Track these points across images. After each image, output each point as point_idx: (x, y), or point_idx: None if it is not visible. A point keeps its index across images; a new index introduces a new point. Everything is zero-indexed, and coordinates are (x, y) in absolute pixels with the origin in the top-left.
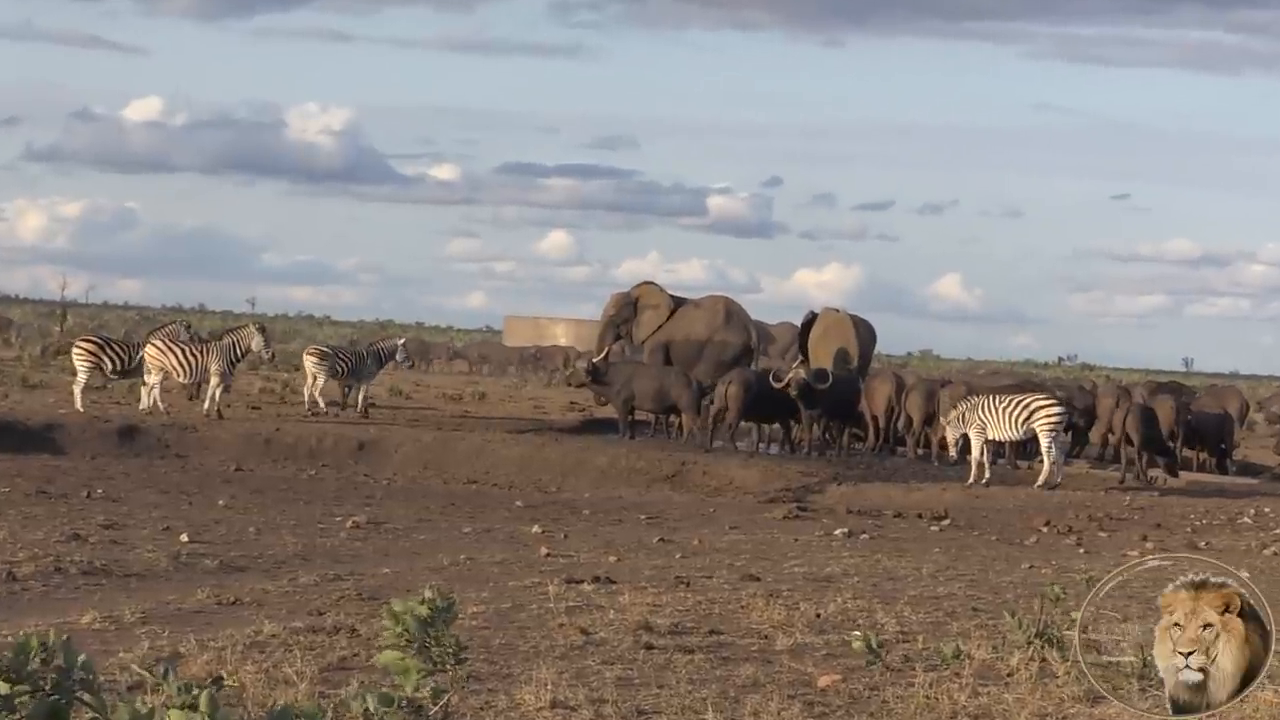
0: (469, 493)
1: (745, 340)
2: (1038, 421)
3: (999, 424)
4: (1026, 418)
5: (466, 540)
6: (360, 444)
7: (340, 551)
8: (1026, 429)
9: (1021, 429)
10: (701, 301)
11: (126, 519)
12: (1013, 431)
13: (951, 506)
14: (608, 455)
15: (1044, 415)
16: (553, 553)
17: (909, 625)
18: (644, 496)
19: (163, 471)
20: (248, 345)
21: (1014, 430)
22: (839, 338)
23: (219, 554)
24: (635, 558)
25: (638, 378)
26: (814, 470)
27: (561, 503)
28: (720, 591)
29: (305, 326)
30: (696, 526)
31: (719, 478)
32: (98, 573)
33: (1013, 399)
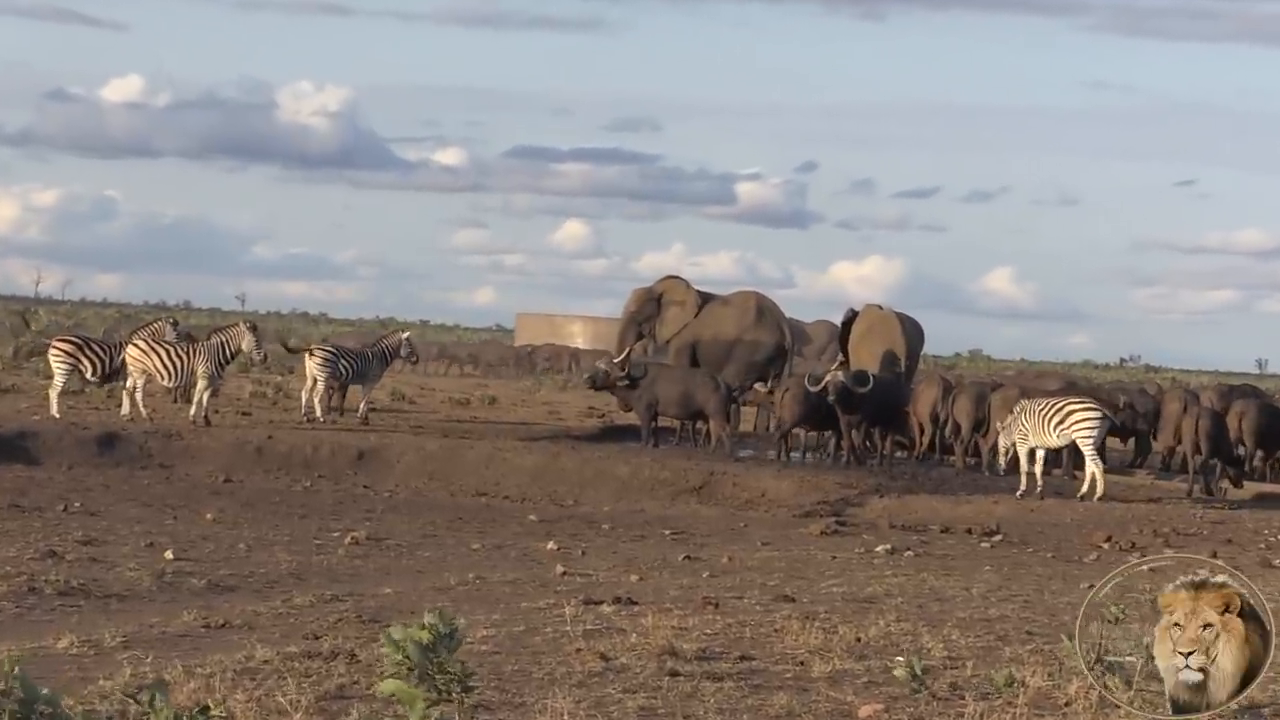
0: (478, 506)
1: (778, 340)
2: (1073, 428)
3: (1038, 431)
4: (1061, 423)
5: (475, 558)
6: (360, 453)
7: (338, 570)
8: (1063, 436)
9: (1058, 436)
10: (731, 298)
11: (106, 535)
12: (1051, 438)
13: (1004, 521)
14: (629, 465)
15: (1079, 421)
16: (569, 571)
17: (957, 650)
18: (669, 510)
19: (145, 483)
20: (238, 346)
21: (1051, 437)
22: (884, 337)
23: (206, 573)
24: (659, 577)
25: (661, 381)
26: (854, 481)
27: (579, 517)
28: (752, 613)
29: (300, 325)
30: (726, 543)
31: (750, 490)
32: (75, 593)
33: (1050, 403)
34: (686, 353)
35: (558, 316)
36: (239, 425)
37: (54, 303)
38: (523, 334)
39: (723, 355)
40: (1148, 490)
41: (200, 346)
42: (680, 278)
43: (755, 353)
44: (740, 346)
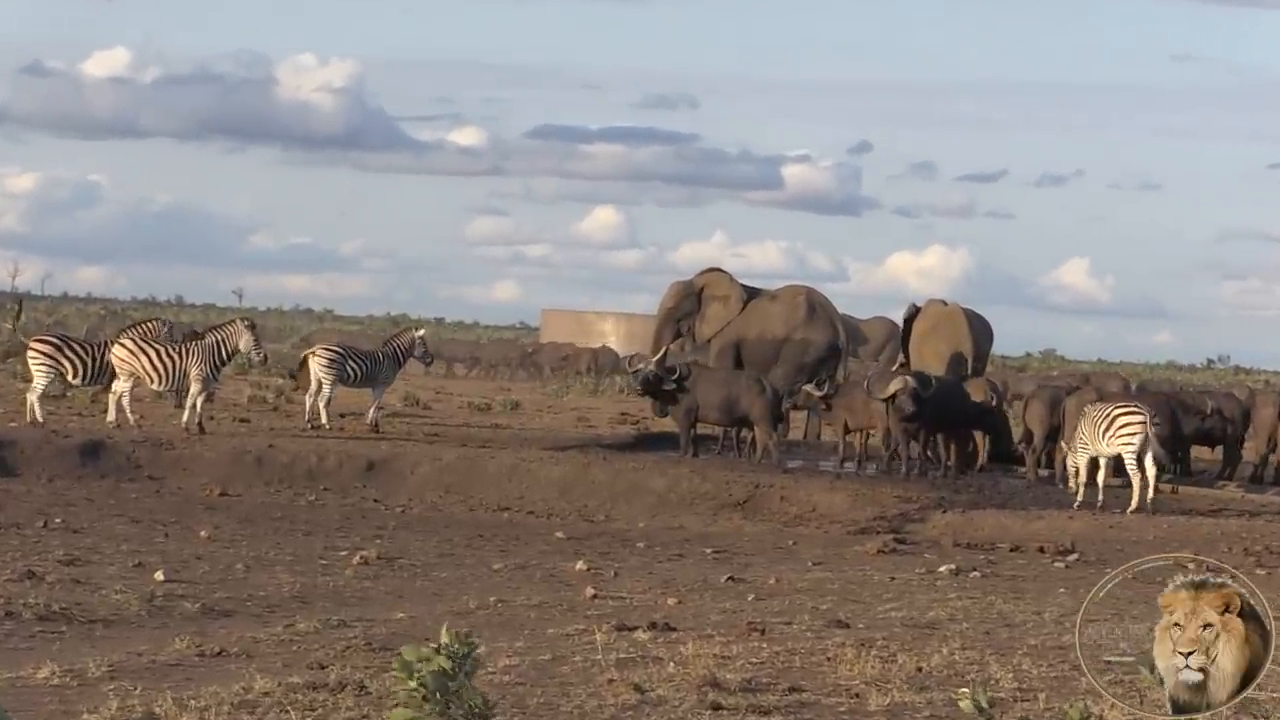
0: (500, 522)
1: (832, 339)
2: (1116, 434)
3: (1093, 439)
4: (1107, 429)
5: (497, 579)
6: (370, 463)
7: (346, 592)
8: (1110, 444)
9: (1107, 444)
10: (778, 293)
11: (90, 554)
12: (1103, 447)
13: (1079, 538)
14: (666, 477)
15: (1120, 427)
16: (600, 594)
17: (1028, 681)
18: (710, 526)
19: (133, 496)
20: (235, 345)
21: (1103, 445)
22: (950, 336)
23: (201, 595)
24: (699, 600)
25: (702, 384)
26: (914, 494)
27: (611, 534)
28: (802, 640)
29: (303, 322)
30: (773, 562)
31: (800, 504)
32: (57, 618)
33: (1100, 408)
34: (729, 353)
35: (587, 314)
36: (236, 433)
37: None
38: (549, 332)
39: (769, 356)
40: (1238, 504)
41: (194, 346)
42: (723, 270)
43: (805, 353)
44: (789, 346)
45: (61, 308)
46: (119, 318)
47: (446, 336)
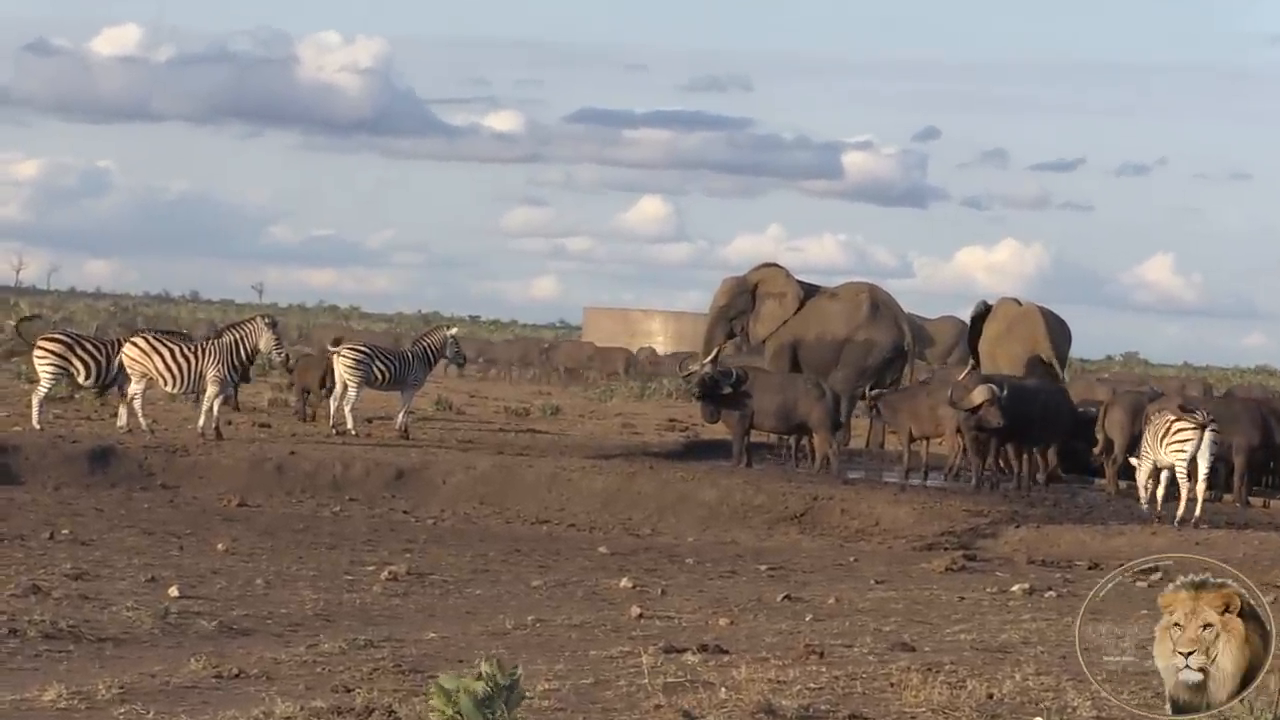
0: (538, 535)
1: (896, 340)
2: (1169, 444)
3: (1154, 447)
4: (1163, 438)
5: (536, 597)
6: (399, 472)
7: (373, 610)
8: (1166, 452)
9: (1163, 452)
10: (839, 290)
11: (100, 567)
12: (1162, 455)
13: (1164, 555)
14: (718, 488)
15: (1173, 437)
16: (647, 613)
17: (1108, 709)
18: (765, 541)
19: (146, 506)
20: (254, 344)
21: (1162, 454)
22: (1026, 338)
23: (218, 613)
24: (753, 620)
25: (757, 388)
26: (985, 508)
27: (658, 549)
28: (863, 664)
29: (327, 320)
30: (832, 580)
31: (861, 517)
32: (64, 636)
33: (1160, 415)
34: (786, 355)
35: (633, 312)
36: (256, 439)
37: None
38: (591, 332)
39: (829, 358)
40: None
41: (210, 346)
42: (779, 266)
43: (868, 355)
44: (850, 348)
45: (68, 303)
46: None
47: (482, 337)
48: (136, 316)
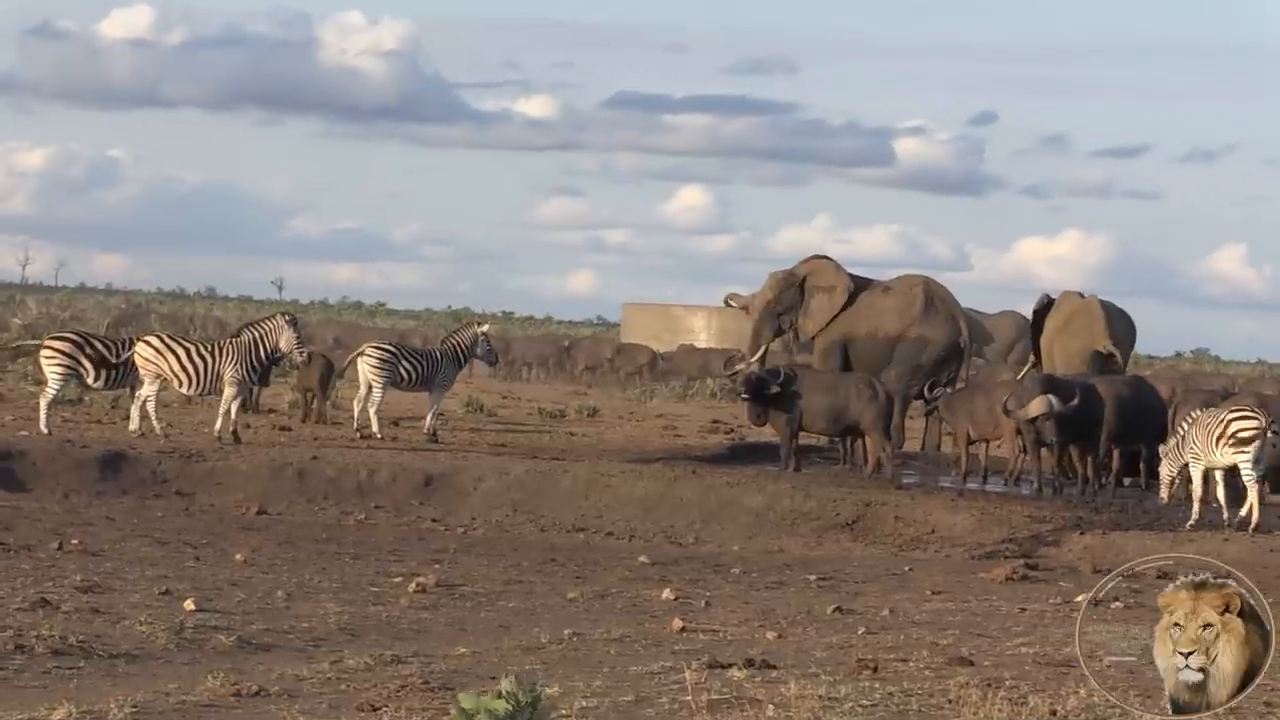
0: (575, 544)
1: (952, 336)
2: (1228, 442)
3: (1206, 447)
4: (1220, 436)
5: (572, 609)
6: (427, 478)
7: (400, 624)
8: (1224, 453)
9: (1221, 453)
10: (892, 284)
11: (111, 579)
12: (1216, 456)
13: (1237, 563)
14: (764, 494)
15: (1233, 434)
16: (690, 626)
17: None
18: (814, 550)
19: (160, 515)
20: (275, 344)
21: (1216, 454)
22: (1084, 332)
23: (236, 627)
24: (802, 634)
25: (806, 388)
26: (1047, 514)
27: (701, 558)
28: (919, 680)
29: (351, 317)
30: (886, 591)
31: (917, 524)
32: (73, 652)
33: (1214, 413)
34: (836, 352)
35: (674, 308)
36: (276, 443)
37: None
38: (630, 329)
39: (881, 356)
40: None
41: (228, 345)
42: (828, 258)
43: (923, 352)
44: (904, 345)
45: (78, 300)
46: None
47: (516, 333)
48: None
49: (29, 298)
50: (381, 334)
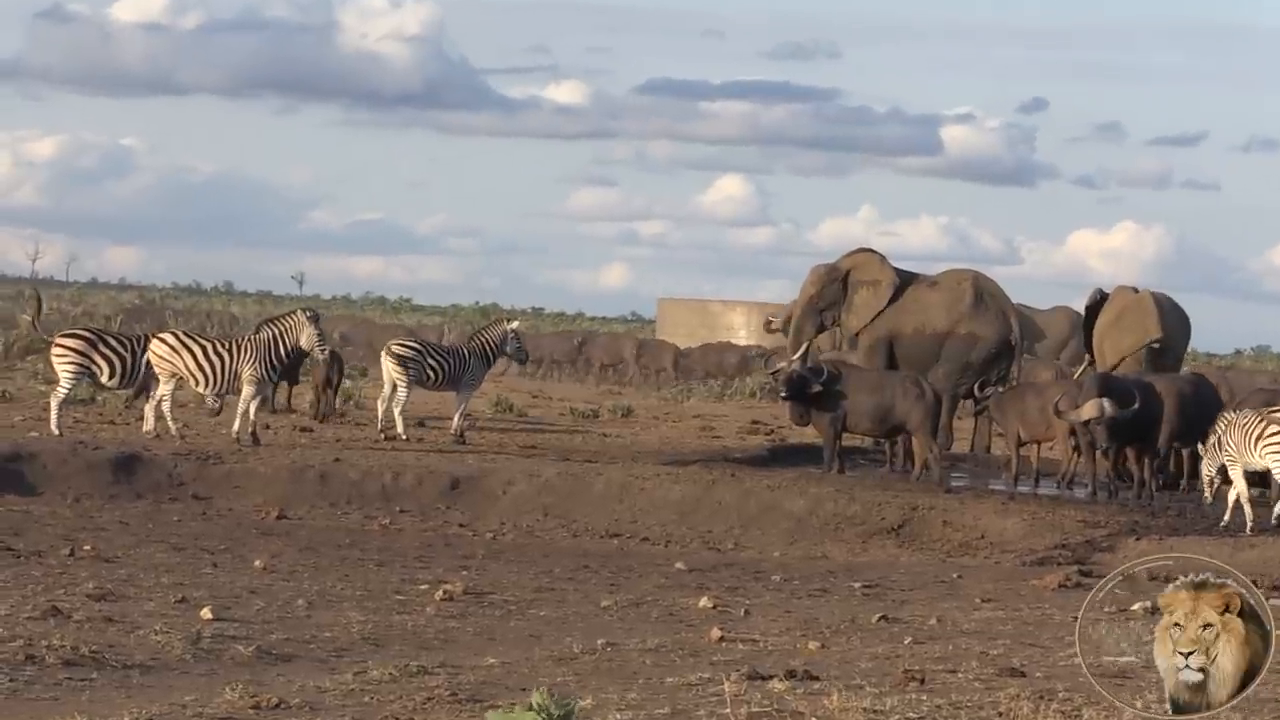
0: (609, 550)
1: (1003, 333)
2: (1264, 444)
3: (1243, 449)
4: (1258, 438)
5: (606, 618)
6: (454, 481)
7: (426, 634)
8: (1262, 455)
9: (1259, 454)
10: (940, 279)
11: (125, 587)
12: (1252, 458)
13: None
14: (806, 497)
15: (1271, 436)
16: (729, 636)
17: None
18: (858, 556)
19: (176, 520)
20: (295, 341)
21: (1253, 456)
22: (1135, 327)
23: (255, 637)
24: (846, 643)
25: (850, 386)
26: (1102, 518)
27: (740, 565)
28: (968, 692)
29: (374, 313)
30: (934, 599)
31: (966, 529)
32: (86, 663)
33: (1254, 414)
34: (881, 349)
35: (712, 303)
36: (297, 444)
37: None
38: (666, 325)
39: (929, 353)
40: None
41: (246, 343)
42: (874, 251)
43: (972, 349)
44: (954, 342)
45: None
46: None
47: (547, 329)
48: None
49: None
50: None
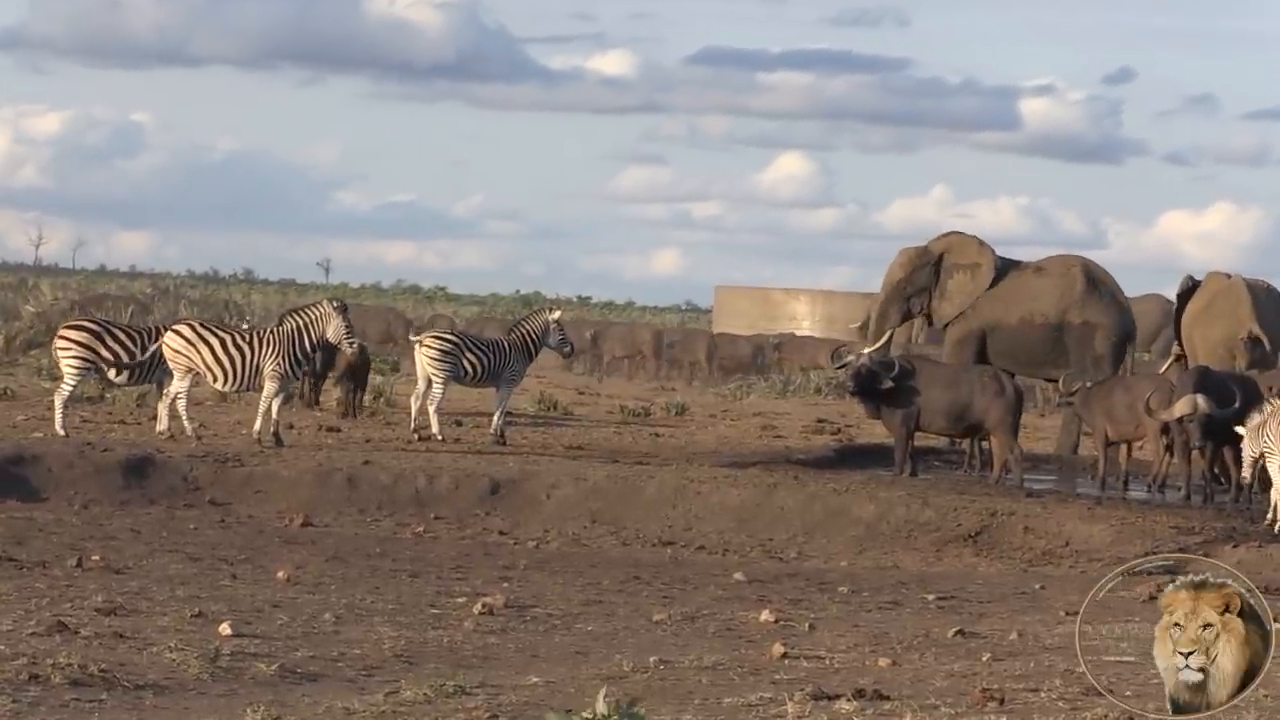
0: (662, 560)
1: (1123, 324)
2: None
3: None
4: None
5: (659, 633)
6: (494, 485)
7: (464, 650)
8: None
9: None
10: (1046, 264)
11: (137, 600)
12: None
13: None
14: (876, 502)
15: None
16: (792, 652)
17: None
18: (932, 566)
19: (192, 527)
20: (321, 333)
21: None
22: (1226, 315)
23: (278, 654)
24: (919, 660)
25: (923, 382)
26: (1196, 524)
27: (804, 575)
28: (1052, 712)
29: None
30: (1014, 612)
31: (1049, 536)
32: (95, 682)
33: None
34: (972, 342)
35: (774, 291)
36: (323, 445)
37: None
38: (724, 316)
39: (1038, 346)
40: None
41: (268, 335)
42: (970, 235)
43: (1089, 342)
44: (1070, 334)
45: (97, 283)
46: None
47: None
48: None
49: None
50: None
